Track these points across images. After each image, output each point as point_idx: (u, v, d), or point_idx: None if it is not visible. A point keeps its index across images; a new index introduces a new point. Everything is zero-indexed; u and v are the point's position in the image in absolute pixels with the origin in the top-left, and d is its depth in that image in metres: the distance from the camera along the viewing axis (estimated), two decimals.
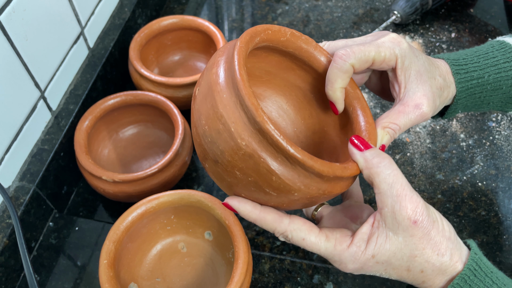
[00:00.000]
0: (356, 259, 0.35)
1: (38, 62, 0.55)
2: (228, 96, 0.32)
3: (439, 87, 0.41)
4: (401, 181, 0.34)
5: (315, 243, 0.36)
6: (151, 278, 0.52)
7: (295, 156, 0.32)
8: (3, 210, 0.53)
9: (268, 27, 0.37)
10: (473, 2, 0.81)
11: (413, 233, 0.34)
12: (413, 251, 0.34)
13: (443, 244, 0.35)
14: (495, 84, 0.44)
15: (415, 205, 0.34)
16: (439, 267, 0.35)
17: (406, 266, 0.35)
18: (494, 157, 0.63)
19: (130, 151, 0.65)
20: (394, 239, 0.34)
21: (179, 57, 0.75)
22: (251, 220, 0.36)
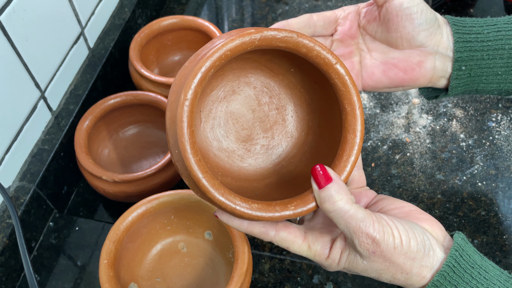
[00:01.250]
0: (332, 268, 0.39)
1: (38, 62, 0.55)
2: (177, 154, 0.33)
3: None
4: (355, 221, 0.35)
5: (297, 251, 0.38)
6: (151, 278, 0.52)
7: (243, 216, 0.34)
8: (3, 210, 0.53)
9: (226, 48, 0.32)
10: (473, 2, 0.81)
11: (374, 260, 0.36)
12: (378, 271, 0.37)
13: (406, 265, 0.36)
14: (496, 42, 0.42)
15: (371, 240, 0.35)
16: (405, 282, 0.37)
17: (376, 277, 0.38)
18: (494, 157, 0.63)
19: (130, 151, 0.65)
20: (360, 261, 0.37)
21: (179, 57, 0.75)
22: (244, 231, 0.38)
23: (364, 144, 0.65)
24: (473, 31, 0.43)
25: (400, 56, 0.44)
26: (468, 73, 0.43)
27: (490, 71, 0.43)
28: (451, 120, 0.67)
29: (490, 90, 0.45)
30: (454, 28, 0.43)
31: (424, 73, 0.44)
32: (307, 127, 0.42)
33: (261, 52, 0.39)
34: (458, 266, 0.36)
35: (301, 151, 0.42)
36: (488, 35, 0.42)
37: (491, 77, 0.44)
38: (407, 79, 0.44)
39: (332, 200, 0.35)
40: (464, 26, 0.43)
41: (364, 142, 0.66)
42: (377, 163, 0.64)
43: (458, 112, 0.68)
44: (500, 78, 0.43)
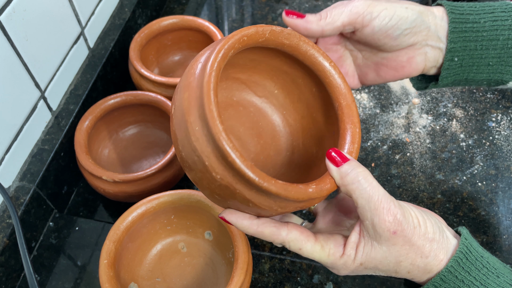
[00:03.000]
0: (347, 267, 0.37)
1: (38, 62, 0.55)
2: (200, 129, 0.32)
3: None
4: (377, 194, 0.35)
5: (311, 252, 0.37)
6: (151, 278, 0.52)
7: (269, 191, 0.32)
8: (3, 210, 0.53)
9: (243, 34, 0.35)
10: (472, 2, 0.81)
11: (395, 242, 0.35)
12: (397, 257, 0.36)
13: (425, 247, 0.36)
14: (491, 33, 0.41)
15: (392, 217, 0.35)
16: (424, 268, 0.36)
17: (394, 270, 0.37)
18: (494, 157, 0.63)
19: (130, 151, 0.65)
20: (379, 248, 0.36)
21: (179, 57, 0.75)
22: (250, 234, 0.37)
23: (364, 144, 0.65)
24: (470, 19, 0.42)
25: (389, 56, 0.43)
26: (460, 63, 0.43)
27: (481, 62, 0.43)
28: (451, 120, 0.67)
29: (480, 80, 0.44)
30: (451, 17, 0.41)
31: (415, 67, 0.43)
32: (291, 146, 0.45)
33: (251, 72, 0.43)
34: (470, 253, 0.36)
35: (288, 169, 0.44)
36: (485, 24, 0.41)
37: (482, 67, 0.43)
38: (399, 75, 0.44)
39: (354, 172, 0.35)
40: (462, 13, 0.42)
41: (364, 142, 0.66)
42: (377, 163, 0.64)
43: (458, 112, 0.68)
44: (491, 68, 0.43)
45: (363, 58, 0.45)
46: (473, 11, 0.42)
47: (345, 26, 0.40)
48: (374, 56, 0.44)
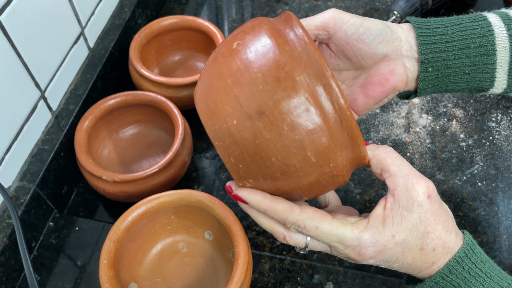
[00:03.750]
0: (376, 241, 0.35)
1: (38, 62, 0.55)
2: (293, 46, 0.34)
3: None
4: (407, 163, 0.37)
5: (330, 230, 0.35)
6: (151, 278, 0.52)
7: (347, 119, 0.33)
8: (3, 210, 0.53)
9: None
10: (472, 2, 0.81)
11: (428, 208, 0.35)
12: (427, 227, 0.35)
13: (449, 222, 0.36)
14: (461, 42, 0.42)
15: (426, 181, 0.36)
16: (448, 245, 0.36)
17: (420, 244, 0.36)
18: (494, 157, 0.63)
19: (130, 151, 0.65)
20: (410, 216, 0.35)
21: (179, 57, 0.75)
22: (262, 210, 0.36)
23: None
24: (437, 32, 0.42)
25: (371, 72, 0.44)
26: (436, 74, 0.43)
27: (457, 71, 0.43)
28: (451, 120, 0.67)
29: (460, 89, 0.45)
30: (418, 31, 0.42)
31: (399, 78, 0.43)
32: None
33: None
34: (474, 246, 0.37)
35: None
36: (453, 35, 0.42)
37: (459, 76, 0.43)
38: (386, 90, 0.44)
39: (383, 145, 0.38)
40: (428, 28, 0.43)
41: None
42: None
43: (458, 112, 0.68)
44: (468, 76, 0.43)
45: (347, 87, 0.46)
46: (440, 25, 0.43)
47: (318, 29, 0.42)
48: (358, 78, 0.45)
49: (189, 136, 0.61)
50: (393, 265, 0.38)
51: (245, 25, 0.38)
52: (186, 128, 0.60)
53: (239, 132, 0.34)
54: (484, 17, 0.43)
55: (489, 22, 0.42)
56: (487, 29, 0.42)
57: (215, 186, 0.63)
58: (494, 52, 0.42)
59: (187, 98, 0.65)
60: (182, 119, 0.59)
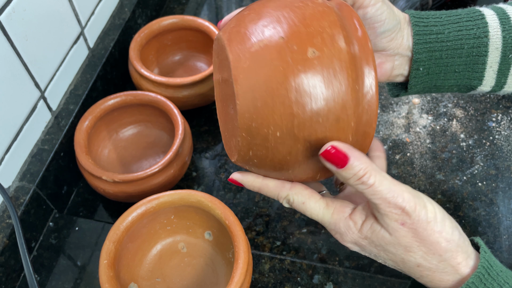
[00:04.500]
0: (351, 233, 0.36)
1: (38, 62, 0.55)
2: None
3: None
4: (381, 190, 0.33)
5: (314, 208, 0.37)
6: (151, 278, 0.52)
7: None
8: (3, 210, 0.53)
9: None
10: (473, 2, 0.81)
11: (404, 234, 0.34)
12: (406, 247, 0.34)
13: (441, 245, 0.34)
14: (456, 42, 0.42)
15: (400, 209, 0.33)
16: (438, 267, 0.35)
17: (401, 258, 0.35)
18: (494, 157, 0.63)
19: (130, 151, 0.65)
20: (387, 234, 0.34)
21: (179, 57, 0.75)
22: (256, 189, 0.38)
23: None
24: (434, 31, 0.42)
25: None
26: (426, 71, 0.43)
27: (448, 69, 0.43)
28: (451, 120, 0.67)
29: (449, 86, 0.45)
30: (415, 29, 0.42)
31: (383, 73, 0.44)
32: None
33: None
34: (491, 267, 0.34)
35: None
36: (449, 34, 0.42)
37: (449, 74, 0.43)
38: None
39: (356, 177, 0.33)
40: (426, 25, 0.42)
41: None
42: None
43: (458, 112, 0.68)
44: (458, 74, 0.43)
45: None
46: (438, 22, 0.43)
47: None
48: None
49: (189, 136, 0.61)
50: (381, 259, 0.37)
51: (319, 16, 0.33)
52: (186, 128, 0.60)
53: (276, 143, 0.33)
54: (482, 15, 0.42)
55: (486, 22, 0.42)
56: (482, 30, 0.42)
57: (215, 186, 0.63)
58: (486, 53, 0.42)
59: (187, 98, 0.65)
60: (182, 119, 0.59)
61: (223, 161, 0.65)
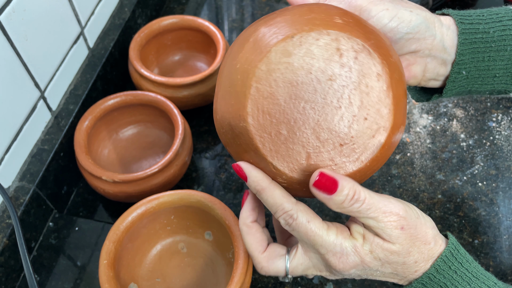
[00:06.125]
0: (356, 251, 0.35)
1: (38, 62, 0.55)
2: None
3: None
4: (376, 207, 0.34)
5: (318, 228, 0.35)
6: (151, 278, 0.52)
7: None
8: (3, 210, 0.53)
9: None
10: (473, 2, 0.81)
11: (405, 237, 0.35)
12: (408, 249, 0.35)
13: (429, 234, 0.36)
14: (500, 43, 0.39)
15: (396, 210, 0.34)
16: (428, 254, 0.36)
17: (402, 261, 0.36)
18: (495, 157, 0.63)
19: (130, 151, 0.65)
20: (391, 245, 0.35)
21: (179, 57, 0.75)
22: (259, 189, 0.34)
23: None
24: (479, 29, 0.40)
25: None
26: (466, 75, 0.41)
27: (488, 73, 0.41)
28: (452, 120, 0.67)
29: (483, 90, 0.43)
30: (461, 27, 0.40)
31: (412, 75, 0.41)
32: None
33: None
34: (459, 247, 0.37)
35: None
36: (494, 34, 0.40)
37: (488, 79, 0.42)
38: None
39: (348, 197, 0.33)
40: (471, 23, 0.40)
41: None
42: None
43: (458, 112, 0.68)
44: (496, 79, 0.42)
45: None
46: (482, 20, 0.40)
47: None
48: None
49: (189, 136, 0.60)
50: (375, 275, 0.37)
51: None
52: (186, 128, 0.60)
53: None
54: None
55: None
56: None
57: (215, 186, 0.63)
58: None
59: (187, 98, 0.65)
60: (182, 119, 0.59)
61: (223, 161, 0.65)
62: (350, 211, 0.34)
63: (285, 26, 0.33)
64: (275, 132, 0.33)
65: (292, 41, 0.32)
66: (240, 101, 0.33)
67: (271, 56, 0.32)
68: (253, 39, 0.33)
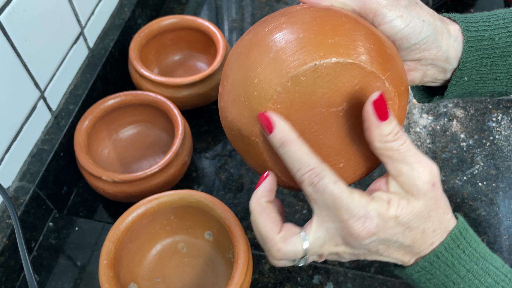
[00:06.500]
0: (380, 214, 0.33)
1: (38, 62, 0.55)
2: None
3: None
4: (412, 147, 0.34)
5: (344, 190, 0.33)
6: (151, 278, 0.52)
7: None
8: (3, 210, 0.53)
9: None
10: (473, 2, 0.81)
11: (432, 196, 0.34)
12: (430, 212, 0.34)
13: (447, 204, 0.36)
14: (504, 49, 0.40)
15: (430, 168, 0.34)
16: (446, 226, 0.36)
17: (422, 228, 0.35)
18: (495, 157, 0.63)
19: (130, 151, 0.65)
20: (415, 203, 0.34)
21: (179, 57, 0.75)
22: (285, 140, 0.33)
23: None
24: (485, 37, 0.40)
25: None
26: (468, 79, 0.41)
27: (489, 77, 0.41)
28: (452, 120, 0.67)
29: (484, 92, 0.43)
30: (467, 35, 0.39)
31: (410, 80, 0.42)
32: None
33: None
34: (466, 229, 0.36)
35: None
36: (499, 41, 0.40)
37: (489, 82, 0.42)
38: None
39: (394, 131, 0.33)
40: (477, 30, 0.40)
41: None
42: None
43: (458, 112, 0.68)
44: (497, 82, 0.42)
45: None
46: (488, 27, 0.40)
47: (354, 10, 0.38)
48: None
49: (189, 136, 0.60)
50: (391, 247, 0.36)
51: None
52: (186, 128, 0.60)
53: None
54: None
55: None
56: None
57: (215, 186, 0.63)
58: None
59: (187, 98, 0.65)
60: (182, 119, 0.59)
61: (223, 161, 0.65)
62: (391, 147, 0.33)
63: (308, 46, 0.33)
64: None
65: (314, 68, 0.32)
66: (254, 118, 0.34)
67: (291, 81, 0.33)
68: (273, 55, 0.33)
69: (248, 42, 0.36)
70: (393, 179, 0.34)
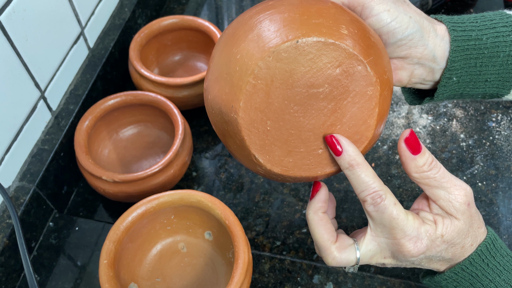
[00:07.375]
0: (430, 235, 0.37)
1: (38, 62, 0.55)
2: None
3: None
4: (446, 172, 0.37)
5: (402, 212, 0.37)
6: (151, 278, 0.52)
7: None
8: (3, 210, 0.53)
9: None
10: (473, 2, 0.81)
11: (468, 214, 0.38)
12: (468, 228, 0.38)
13: (480, 219, 0.39)
14: (492, 50, 0.40)
15: (464, 190, 0.37)
16: (479, 238, 0.39)
17: (462, 244, 0.38)
18: (494, 157, 0.63)
19: (130, 151, 0.65)
20: (457, 222, 0.37)
21: (179, 57, 0.75)
22: (353, 164, 0.36)
23: None
24: (472, 36, 0.40)
25: None
26: (457, 80, 0.41)
27: (479, 78, 0.41)
28: (451, 120, 0.67)
29: (475, 94, 0.43)
30: (453, 35, 0.40)
31: (397, 80, 0.42)
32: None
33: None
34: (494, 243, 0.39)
35: None
36: (487, 41, 0.40)
37: (479, 83, 0.42)
38: None
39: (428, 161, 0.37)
40: (464, 30, 0.40)
41: None
42: (377, 163, 0.64)
43: (458, 112, 0.68)
44: (488, 83, 0.42)
45: None
46: (475, 27, 0.40)
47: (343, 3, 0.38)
48: None
49: (189, 136, 0.61)
50: (433, 261, 0.39)
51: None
52: (186, 128, 0.60)
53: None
54: None
55: None
56: None
57: (215, 186, 0.63)
58: None
59: (187, 98, 0.65)
60: (182, 119, 0.59)
61: (223, 161, 0.65)
62: (428, 176, 0.37)
63: (292, 24, 0.33)
64: (262, 129, 0.35)
65: (296, 45, 0.33)
66: (234, 93, 0.34)
67: (273, 57, 0.33)
68: (257, 31, 0.34)
69: (235, 23, 0.36)
70: (433, 202, 0.38)
